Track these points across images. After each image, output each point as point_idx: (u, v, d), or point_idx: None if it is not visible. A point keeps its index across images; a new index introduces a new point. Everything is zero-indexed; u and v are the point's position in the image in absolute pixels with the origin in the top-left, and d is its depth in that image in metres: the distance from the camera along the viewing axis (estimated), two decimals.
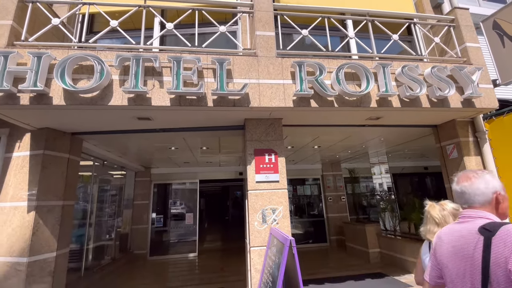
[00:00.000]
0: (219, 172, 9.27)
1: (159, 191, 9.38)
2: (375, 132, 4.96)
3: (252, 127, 3.71)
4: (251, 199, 3.50)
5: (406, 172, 9.37)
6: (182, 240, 9.46)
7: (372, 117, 4.02)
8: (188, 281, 5.68)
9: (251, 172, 3.58)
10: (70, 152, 4.15)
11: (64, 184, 3.97)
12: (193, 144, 5.36)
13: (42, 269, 3.54)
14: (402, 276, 5.26)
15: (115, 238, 7.32)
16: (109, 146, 5.39)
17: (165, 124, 3.91)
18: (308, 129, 4.44)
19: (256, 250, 3.36)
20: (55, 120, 3.61)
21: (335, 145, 5.99)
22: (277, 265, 2.63)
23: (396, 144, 6.14)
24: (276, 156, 3.63)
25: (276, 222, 3.46)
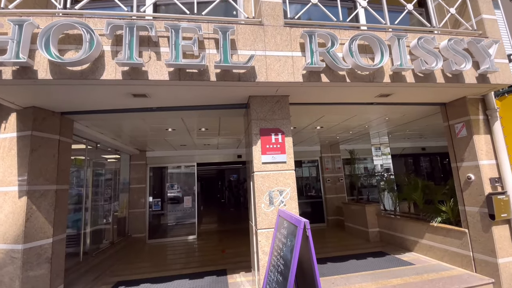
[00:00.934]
0: (217, 155, 9.09)
1: (156, 174, 9.19)
2: (382, 111, 4.79)
3: (257, 105, 3.48)
4: (257, 180, 3.34)
5: (405, 153, 9.37)
6: (180, 222, 9.43)
7: (383, 94, 3.82)
8: (189, 263, 5.64)
9: (256, 153, 3.39)
10: (61, 133, 3.87)
11: (56, 167, 3.73)
12: (192, 125, 5.11)
13: (39, 256, 3.38)
14: (403, 254, 5.32)
15: (113, 222, 7.19)
16: (102, 128, 5.09)
17: (162, 102, 3.64)
18: (314, 108, 4.23)
19: (263, 232, 3.25)
20: (43, 98, 3.30)
21: (338, 125, 5.82)
22: (289, 248, 2.51)
23: (400, 123, 6.01)
24: (283, 136, 3.43)
25: (284, 204, 3.33)
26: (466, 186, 4.27)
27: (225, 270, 5.02)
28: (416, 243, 5.35)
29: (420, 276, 4.18)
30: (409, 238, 5.53)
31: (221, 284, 4.32)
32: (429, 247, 5.03)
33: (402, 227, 5.75)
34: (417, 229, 5.30)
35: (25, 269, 3.20)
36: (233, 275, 4.71)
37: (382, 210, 6.81)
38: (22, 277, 3.15)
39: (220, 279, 4.54)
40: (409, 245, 5.52)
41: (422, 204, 5.49)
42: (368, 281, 4.11)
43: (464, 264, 4.34)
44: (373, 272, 4.47)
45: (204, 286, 4.26)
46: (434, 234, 4.92)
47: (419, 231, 5.27)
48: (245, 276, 4.63)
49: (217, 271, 4.96)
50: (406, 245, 5.60)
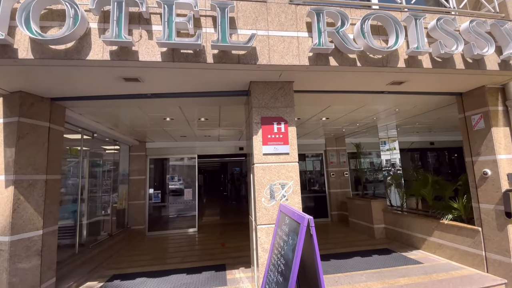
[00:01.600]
0: (218, 147, 8.87)
1: (156, 166, 9.04)
2: (393, 101, 4.48)
3: (259, 91, 3.21)
4: (258, 173, 3.11)
5: (412, 147, 9.05)
6: (181, 215, 9.31)
7: (396, 81, 3.52)
8: (188, 257, 5.49)
9: (257, 144, 3.15)
10: (51, 120, 3.66)
11: (46, 156, 3.53)
12: (190, 114, 4.86)
13: (28, 249, 3.21)
14: (410, 252, 5.10)
15: (112, 214, 7.06)
16: (98, 116, 4.88)
17: (157, 87, 3.39)
18: (320, 96, 3.95)
19: (263, 229, 3.03)
20: (29, 82, 3.07)
21: (345, 116, 5.52)
22: (291, 247, 2.29)
23: (410, 116, 5.70)
24: (286, 125, 3.18)
25: (286, 198, 3.10)
26: (482, 182, 3.99)
27: (224, 265, 4.86)
28: (424, 241, 5.11)
29: (429, 276, 3.96)
30: (417, 236, 5.29)
31: (219, 280, 4.15)
32: (438, 245, 4.80)
33: (410, 224, 5.51)
34: (426, 226, 5.06)
35: (13, 262, 3.04)
36: (232, 271, 4.54)
37: (388, 205, 6.56)
38: (10, 270, 2.99)
39: (218, 275, 4.37)
40: (417, 242, 5.28)
41: (432, 201, 5.23)
42: (373, 280, 3.90)
43: (476, 263, 4.11)
44: (379, 270, 4.26)
45: (201, 281, 4.10)
46: (444, 232, 4.68)
47: (427, 228, 5.02)
48: (244, 272, 4.46)
49: (216, 266, 4.80)
50: (413, 243, 5.37)
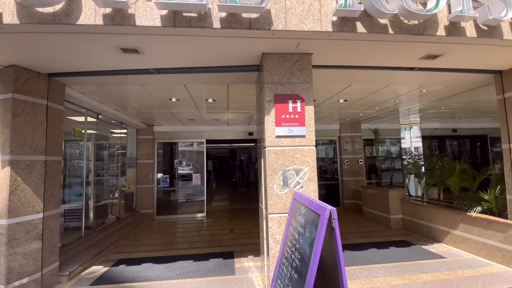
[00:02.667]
0: (227, 132, 8.57)
1: (164, 150, 8.89)
2: (422, 80, 4.00)
3: (272, 64, 2.84)
4: (270, 157, 2.79)
5: (432, 134, 8.48)
6: (189, 200, 9.23)
7: (431, 54, 3.05)
8: (196, 242, 5.35)
9: (269, 125, 2.81)
10: (49, 98, 3.42)
11: (45, 136, 3.32)
12: (197, 94, 4.54)
13: (27, 232, 3.07)
14: (430, 245, 4.76)
15: (120, 197, 7.00)
16: (101, 96, 4.63)
17: (159, 61, 3.07)
18: (341, 73, 3.53)
19: (275, 218, 2.75)
20: (20, 53, 2.81)
21: (365, 98, 5.06)
22: (307, 240, 2.00)
23: (437, 98, 5.18)
24: (302, 104, 2.81)
25: (301, 186, 2.79)
26: None
27: (232, 252, 4.68)
28: (446, 234, 4.74)
29: (454, 272, 3.63)
30: (439, 228, 4.92)
31: (227, 268, 3.97)
32: (462, 239, 4.43)
33: (431, 215, 5.13)
34: (450, 218, 4.67)
35: (11, 246, 2.91)
36: (240, 259, 4.34)
37: (406, 195, 6.17)
38: (8, 254, 2.86)
39: (226, 263, 4.19)
40: (438, 235, 4.93)
41: (458, 191, 4.81)
42: (393, 274, 3.60)
43: (506, 260, 3.75)
44: (397, 264, 3.95)
45: (208, 269, 3.92)
46: (471, 225, 4.29)
47: (452, 220, 4.64)
48: (253, 261, 4.26)
49: (224, 254, 4.62)
50: (434, 235, 5.01)
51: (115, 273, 3.88)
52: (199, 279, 3.60)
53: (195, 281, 3.55)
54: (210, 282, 3.52)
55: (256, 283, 3.46)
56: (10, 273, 2.87)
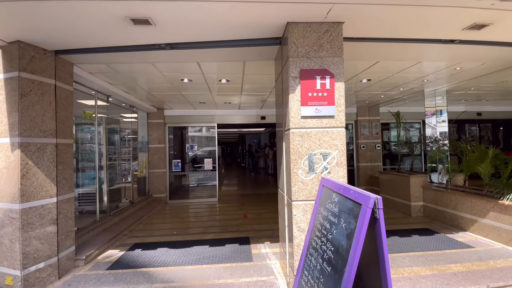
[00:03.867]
0: (239, 116, 8.33)
1: (175, 135, 8.77)
2: (461, 55, 3.59)
3: (298, 35, 2.53)
4: (294, 140, 2.55)
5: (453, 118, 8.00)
6: (201, 184, 9.20)
7: (478, 23, 2.67)
8: (210, 227, 5.28)
9: (294, 104, 2.55)
10: (57, 78, 3.23)
11: (55, 118, 3.16)
12: (211, 74, 4.27)
13: (41, 217, 2.99)
14: (455, 234, 4.52)
15: (132, 181, 6.97)
16: (110, 77, 4.42)
17: (171, 34, 2.79)
18: (371, 47, 3.18)
19: (300, 205, 2.55)
20: (24, 25, 2.58)
21: (391, 77, 4.67)
22: (343, 231, 1.79)
23: (470, 77, 4.75)
24: (332, 80, 2.52)
25: (328, 171, 2.56)
26: None
27: (248, 238, 4.58)
28: (473, 222, 4.49)
29: (486, 263, 3.41)
30: (465, 216, 4.66)
31: (244, 254, 3.86)
32: (492, 228, 4.17)
33: (456, 203, 4.86)
34: (479, 206, 4.40)
35: (26, 231, 2.83)
36: (256, 245, 4.23)
37: (429, 182, 5.88)
38: (22, 239, 2.79)
39: (243, 249, 4.09)
40: (464, 223, 4.67)
41: (488, 178, 4.49)
42: (419, 264, 3.41)
43: None
44: (423, 253, 3.76)
45: (225, 255, 3.82)
46: (503, 213, 4.01)
47: (480, 208, 4.37)
48: (270, 247, 4.14)
49: (239, 239, 4.52)
50: (459, 224, 4.76)
51: (131, 258, 3.83)
52: (216, 265, 3.51)
53: (213, 267, 3.46)
54: (228, 268, 3.42)
55: (275, 271, 3.34)
56: (25, 258, 2.81)
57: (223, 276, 3.21)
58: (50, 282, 3.04)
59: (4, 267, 2.84)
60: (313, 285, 2.04)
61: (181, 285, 3.02)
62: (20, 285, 2.79)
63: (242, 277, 3.18)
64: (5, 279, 2.83)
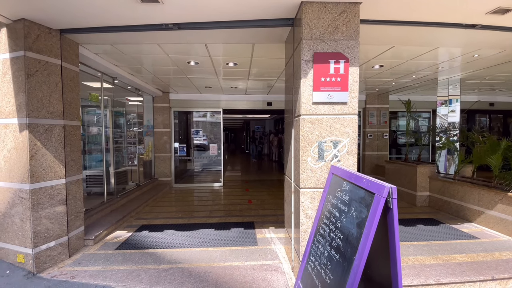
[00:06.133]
0: (245, 101, 8.22)
1: (180, 120, 8.74)
2: (481, 41, 3.42)
3: (312, 16, 2.41)
4: (304, 127, 2.49)
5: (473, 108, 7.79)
6: (206, 169, 9.27)
7: (502, 7, 2.51)
8: (215, 211, 5.35)
9: (306, 89, 2.47)
10: (63, 58, 3.17)
11: (61, 99, 3.14)
12: (218, 56, 4.16)
13: (51, 197, 3.03)
14: (461, 225, 4.51)
15: (138, 165, 7.03)
16: (116, 59, 4.34)
17: (179, 13, 2.69)
18: (387, 31, 3.03)
19: (308, 192, 2.53)
20: (27, 2, 2.50)
21: (405, 63, 4.50)
22: (354, 220, 1.77)
23: (487, 65, 4.57)
24: (346, 64, 2.42)
25: (338, 159, 2.52)
26: None
27: (252, 223, 4.63)
28: (480, 214, 4.46)
29: (491, 254, 3.40)
30: (471, 207, 4.63)
31: (249, 238, 3.92)
32: (498, 220, 4.14)
33: (464, 194, 4.81)
34: (487, 198, 4.35)
35: (36, 210, 2.88)
36: (261, 230, 4.29)
37: (436, 172, 5.81)
38: (32, 219, 2.84)
39: (247, 233, 4.14)
40: (470, 214, 4.65)
41: (499, 170, 4.40)
42: (424, 253, 3.42)
43: None
44: (428, 243, 3.76)
45: (230, 239, 3.88)
46: (511, 205, 3.97)
47: (488, 200, 4.32)
48: (275, 232, 4.18)
49: (244, 224, 4.58)
50: (465, 215, 4.74)
51: (138, 239, 3.91)
52: (222, 248, 3.57)
53: (218, 250, 3.52)
54: (233, 251, 3.47)
55: (280, 255, 3.38)
56: (36, 237, 2.88)
57: (229, 259, 3.27)
58: (60, 260, 3.13)
59: (16, 245, 2.92)
60: (319, 271, 2.06)
61: (187, 266, 3.09)
62: (31, 262, 2.87)
63: (248, 260, 3.23)
64: (16, 256, 2.92)
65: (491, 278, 2.79)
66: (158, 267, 3.06)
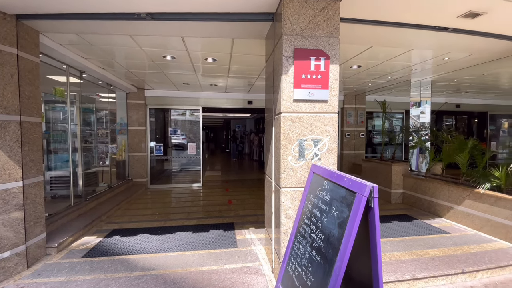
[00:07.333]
0: (225, 100, 8.06)
1: (157, 118, 8.39)
2: (451, 44, 3.57)
3: (293, 11, 2.34)
4: (285, 125, 2.43)
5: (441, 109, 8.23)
6: (184, 169, 8.99)
7: (473, 11, 2.61)
8: (194, 213, 5.16)
9: (287, 86, 2.40)
10: (20, 46, 2.85)
11: (17, 92, 2.82)
12: (195, 51, 3.99)
13: (5, 202, 2.71)
14: (432, 220, 4.72)
15: (111, 165, 6.63)
16: (83, 50, 4.01)
17: (152, 1, 2.50)
18: (366, 30, 3.06)
19: (288, 192, 2.47)
20: None
21: (381, 64, 4.62)
22: (335, 220, 1.73)
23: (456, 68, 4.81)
24: (327, 61, 2.39)
25: (318, 158, 2.48)
26: None
27: (232, 224, 4.51)
28: (449, 209, 4.69)
29: (460, 248, 3.57)
30: (442, 203, 4.86)
31: (229, 240, 3.80)
32: (466, 215, 4.37)
33: (434, 190, 5.04)
34: (456, 194, 4.58)
35: None
36: (241, 231, 4.18)
37: (409, 170, 6.05)
38: None
39: (227, 235, 4.02)
40: (440, 210, 4.88)
41: (466, 168, 4.66)
42: (400, 249, 3.51)
43: (509, 237, 3.72)
44: (403, 238, 3.88)
45: (209, 241, 3.74)
46: (477, 201, 4.20)
47: (457, 196, 4.55)
48: (255, 233, 4.10)
49: (224, 225, 4.45)
50: (436, 210, 4.97)
51: (109, 245, 3.65)
52: (200, 252, 3.42)
53: (196, 253, 3.37)
54: (212, 254, 3.34)
55: (260, 257, 3.30)
56: None
57: (207, 262, 3.13)
58: (17, 272, 2.82)
59: None
60: (300, 273, 2.00)
61: (162, 272, 2.91)
62: None
63: (227, 263, 3.12)
64: None
65: (461, 271, 2.91)
66: (129, 275, 2.85)
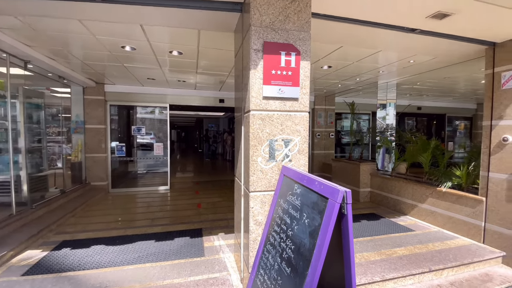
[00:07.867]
0: (194, 97, 7.69)
1: (120, 115, 7.76)
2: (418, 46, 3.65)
3: (262, 1, 2.17)
4: (254, 124, 2.24)
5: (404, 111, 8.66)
6: (151, 171, 8.46)
7: (442, 11, 2.65)
8: (159, 219, 4.78)
9: (256, 82, 2.22)
10: None
11: None
12: (158, 42, 3.65)
13: None
14: (398, 218, 4.87)
15: (65, 167, 5.96)
16: (27, 36, 3.47)
17: None
18: (337, 28, 2.98)
19: (258, 196, 2.29)
20: None
21: (352, 65, 4.64)
22: (306, 228, 1.58)
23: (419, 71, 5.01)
24: (298, 57, 2.24)
25: (289, 159, 2.33)
26: (498, 149, 3.56)
27: (200, 230, 4.24)
28: (413, 207, 4.87)
29: (425, 246, 3.68)
30: (406, 201, 5.04)
31: (195, 248, 3.53)
32: (429, 213, 4.56)
33: (400, 189, 5.22)
34: (419, 192, 4.76)
35: None
36: (210, 237, 3.93)
37: (376, 169, 6.24)
38: None
39: (194, 242, 3.74)
40: (405, 208, 5.06)
41: (429, 167, 4.87)
42: (369, 249, 3.52)
43: (471, 233, 3.91)
44: (372, 238, 3.91)
45: (173, 251, 3.44)
46: (440, 199, 4.39)
47: (420, 195, 4.74)
48: (224, 238, 3.88)
49: (191, 231, 4.16)
50: (401, 208, 5.14)
51: (56, 259, 3.19)
52: (161, 263, 3.11)
53: (157, 265, 3.05)
54: (175, 266, 3.05)
55: (229, 265, 3.09)
56: None
57: (169, 275, 2.84)
58: None
59: None
60: (269, 286, 1.82)
61: None
62: None
63: (191, 275, 2.86)
64: None
65: (428, 270, 2.96)
66: None
